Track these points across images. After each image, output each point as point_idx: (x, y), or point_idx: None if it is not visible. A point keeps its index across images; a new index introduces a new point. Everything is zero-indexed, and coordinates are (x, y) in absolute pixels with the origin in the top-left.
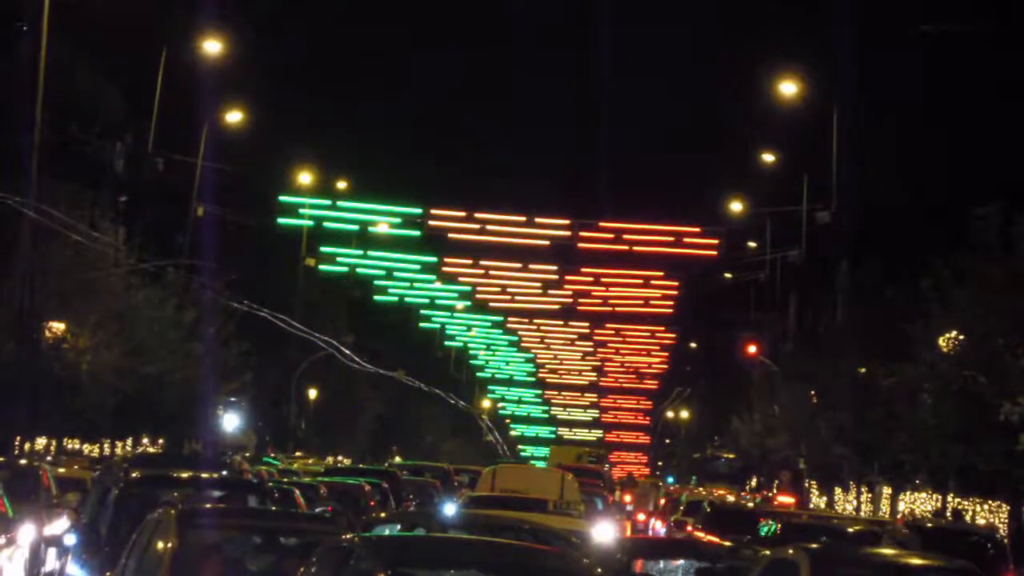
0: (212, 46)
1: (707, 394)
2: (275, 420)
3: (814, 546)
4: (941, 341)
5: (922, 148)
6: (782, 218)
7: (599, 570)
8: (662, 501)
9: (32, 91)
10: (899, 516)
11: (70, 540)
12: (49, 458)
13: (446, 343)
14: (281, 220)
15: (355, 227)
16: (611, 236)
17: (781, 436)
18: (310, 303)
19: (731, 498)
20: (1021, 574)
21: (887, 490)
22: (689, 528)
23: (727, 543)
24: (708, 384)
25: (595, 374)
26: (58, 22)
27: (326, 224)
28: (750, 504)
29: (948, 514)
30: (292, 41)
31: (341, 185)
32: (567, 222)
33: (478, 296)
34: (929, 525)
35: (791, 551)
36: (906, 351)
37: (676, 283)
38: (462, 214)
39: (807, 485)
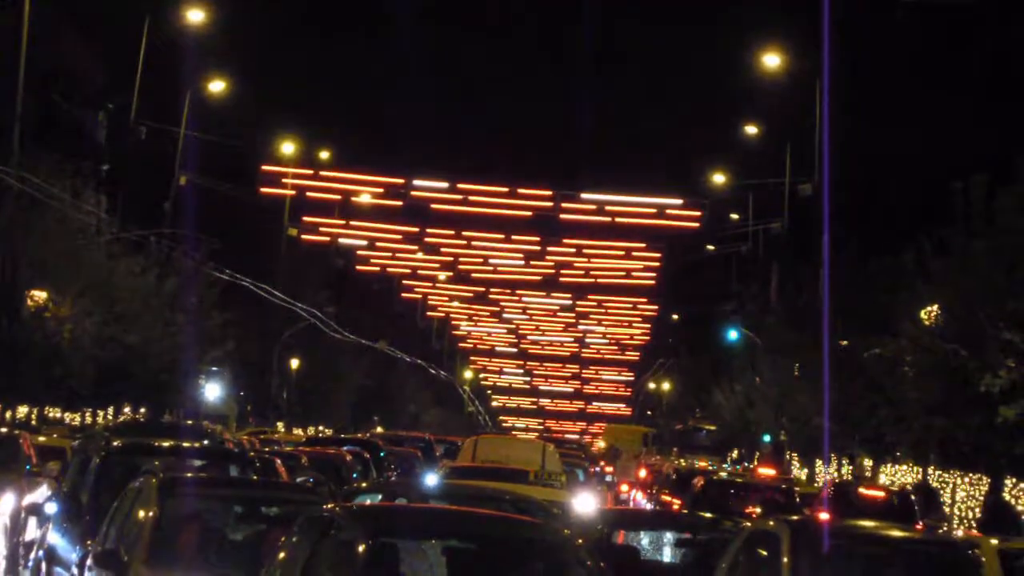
0: (195, 14)
1: (688, 366)
2: (258, 390)
3: (795, 519)
4: (922, 314)
5: (905, 120)
6: (765, 190)
7: (580, 541)
8: (643, 472)
9: (14, 60)
10: (829, 478)
11: (51, 508)
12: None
13: (428, 313)
14: (264, 190)
15: (338, 197)
16: (593, 207)
17: (762, 408)
18: (292, 273)
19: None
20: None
21: (868, 462)
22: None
23: (707, 515)
24: (689, 356)
25: (577, 345)
26: None
27: (309, 194)
28: (722, 473)
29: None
30: (275, 8)
31: (324, 155)
32: (549, 193)
33: (460, 267)
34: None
35: (772, 523)
36: (888, 324)
37: (658, 254)
38: (444, 185)
39: (788, 457)
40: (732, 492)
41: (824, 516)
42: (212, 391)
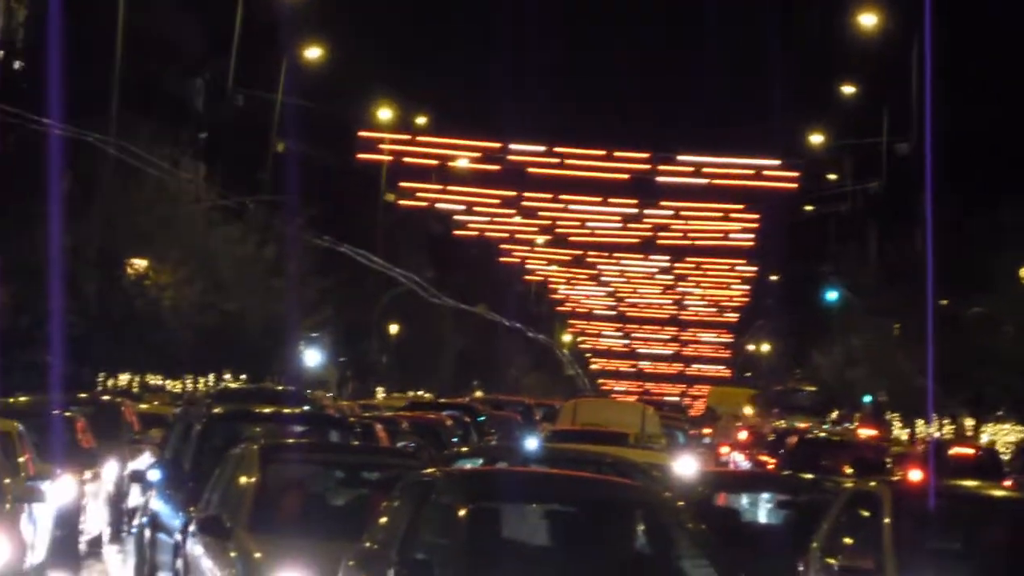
0: None
1: (788, 327)
2: (357, 355)
3: (896, 479)
4: (1022, 272)
5: (1006, 76)
6: (862, 150)
7: (680, 503)
8: (743, 434)
9: (112, 28)
10: (932, 437)
11: (154, 475)
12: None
13: (526, 277)
14: (361, 156)
15: (435, 162)
16: (690, 169)
17: (862, 369)
18: (390, 239)
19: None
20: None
21: (970, 422)
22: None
23: (808, 476)
24: (789, 317)
25: (675, 308)
26: None
27: (406, 159)
28: (819, 433)
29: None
30: None
31: (420, 120)
32: (647, 155)
33: (558, 230)
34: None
35: (873, 484)
36: (989, 282)
37: (756, 216)
38: (541, 148)
39: (889, 418)
40: (824, 451)
41: (916, 474)
42: (312, 357)
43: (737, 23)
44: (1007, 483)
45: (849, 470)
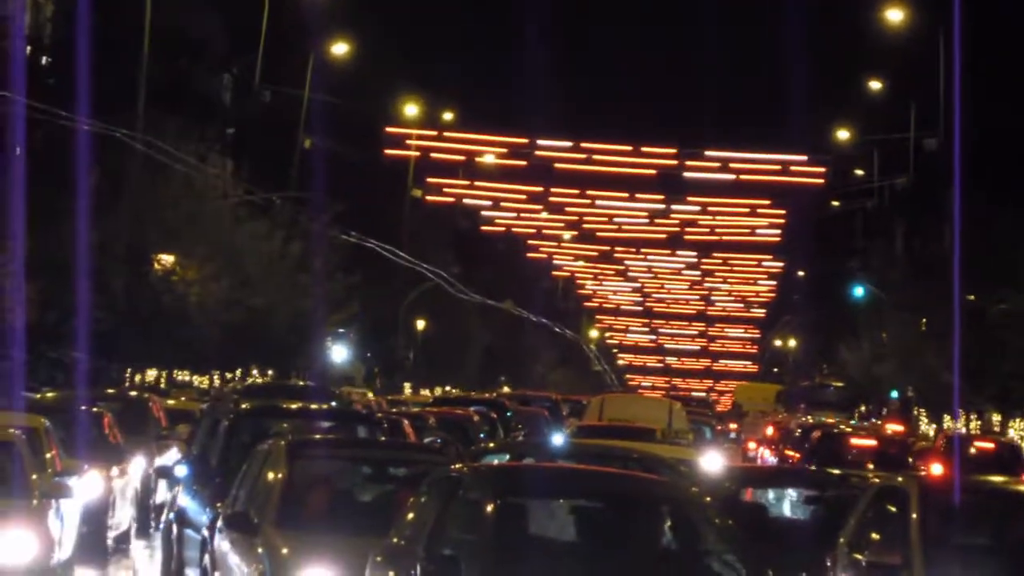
0: None
1: (815, 322)
2: (384, 351)
3: (922, 474)
4: None
5: None
6: (890, 146)
7: (708, 498)
8: (770, 430)
9: (139, 25)
10: (942, 432)
11: (181, 471)
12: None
13: (554, 273)
14: (388, 152)
15: (462, 158)
16: (717, 165)
17: (889, 364)
18: (417, 234)
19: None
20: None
21: (996, 417)
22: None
23: (835, 471)
24: (816, 312)
25: (702, 303)
26: None
27: (433, 155)
28: (844, 427)
29: None
30: None
31: (447, 116)
32: (674, 151)
33: (585, 226)
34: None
35: (900, 479)
36: (1015, 278)
37: (783, 211)
38: (568, 144)
39: (916, 413)
40: (847, 445)
41: (937, 468)
42: (339, 353)
43: (764, 20)
44: None
45: (871, 466)
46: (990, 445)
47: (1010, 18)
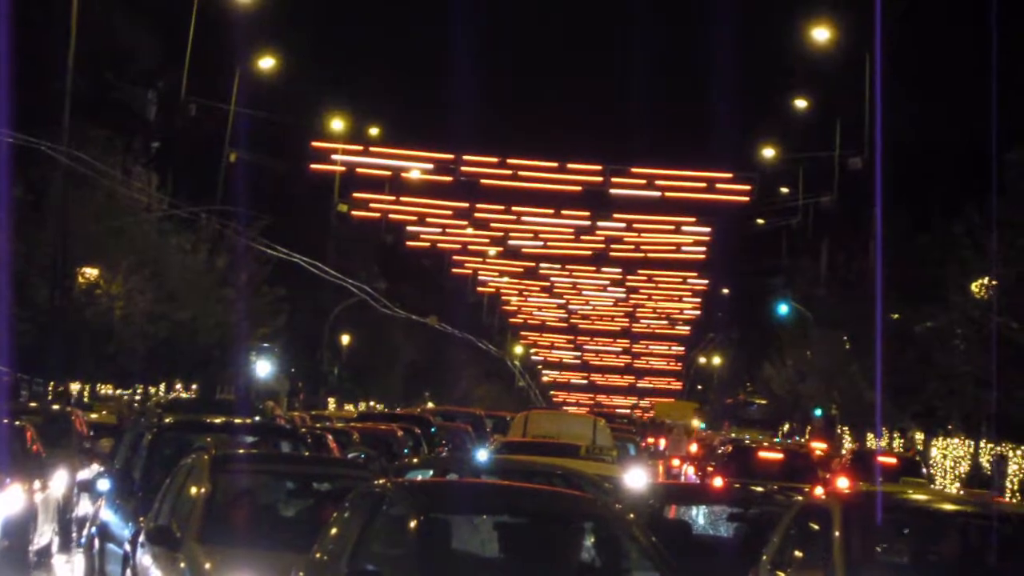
0: None
1: (739, 340)
2: (308, 366)
3: (847, 492)
4: (973, 287)
5: (954, 93)
6: (815, 164)
7: (631, 515)
8: (694, 447)
9: (65, 37)
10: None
11: (103, 485)
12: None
13: (478, 289)
14: (314, 166)
15: (387, 173)
16: (643, 182)
17: (813, 382)
18: (343, 249)
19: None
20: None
21: (920, 436)
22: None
23: (759, 488)
24: (740, 330)
25: (627, 320)
26: None
27: (359, 170)
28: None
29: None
30: None
31: (373, 131)
32: (599, 168)
33: (510, 242)
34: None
35: (824, 497)
36: (938, 297)
37: (708, 229)
38: (494, 160)
39: (839, 431)
40: (755, 458)
41: (842, 481)
42: (263, 368)
43: (690, 37)
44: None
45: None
46: (893, 460)
47: (934, 38)
